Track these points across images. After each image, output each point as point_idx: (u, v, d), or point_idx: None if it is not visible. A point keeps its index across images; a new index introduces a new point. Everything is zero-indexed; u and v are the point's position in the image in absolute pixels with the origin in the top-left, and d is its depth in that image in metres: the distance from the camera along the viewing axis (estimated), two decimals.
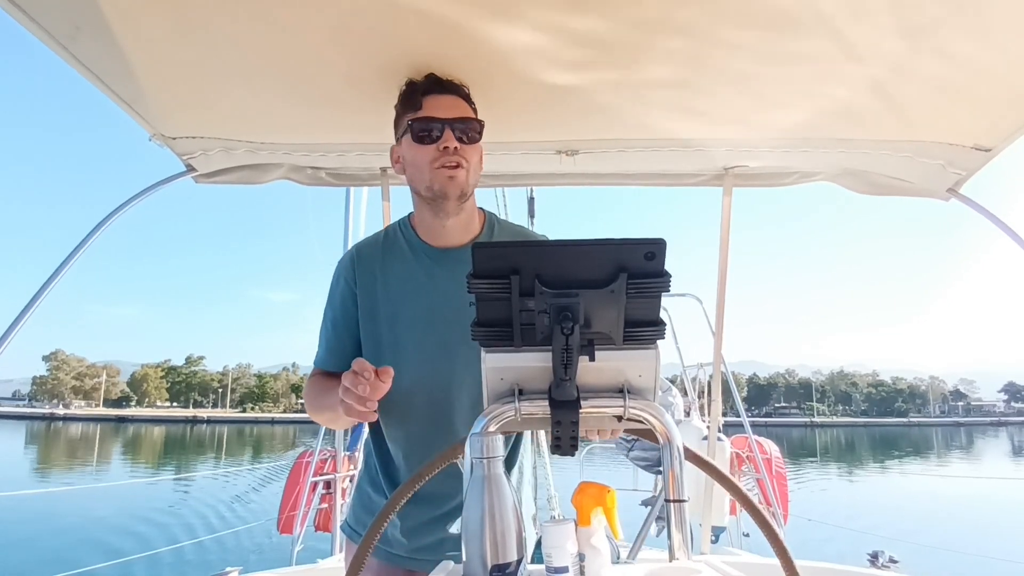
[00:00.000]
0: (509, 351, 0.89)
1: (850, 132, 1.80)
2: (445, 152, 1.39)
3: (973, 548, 9.71)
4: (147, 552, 8.61)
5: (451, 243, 1.51)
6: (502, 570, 0.80)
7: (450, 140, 1.39)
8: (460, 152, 1.40)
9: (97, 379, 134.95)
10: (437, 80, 1.44)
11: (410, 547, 1.48)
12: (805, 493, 20.21)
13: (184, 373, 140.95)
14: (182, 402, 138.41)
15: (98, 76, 1.48)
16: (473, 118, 1.45)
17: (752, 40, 1.34)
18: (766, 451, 4.86)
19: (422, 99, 1.42)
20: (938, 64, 1.39)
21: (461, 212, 1.47)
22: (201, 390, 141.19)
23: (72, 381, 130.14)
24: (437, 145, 1.40)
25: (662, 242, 0.79)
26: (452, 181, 1.41)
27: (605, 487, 0.94)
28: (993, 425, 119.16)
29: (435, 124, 1.40)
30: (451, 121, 1.40)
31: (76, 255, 1.79)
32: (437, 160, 1.40)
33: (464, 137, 1.41)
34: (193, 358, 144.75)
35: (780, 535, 0.93)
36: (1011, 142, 1.68)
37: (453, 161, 1.40)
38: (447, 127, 1.40)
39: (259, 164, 2.05)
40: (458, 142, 1.40)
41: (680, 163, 2.15)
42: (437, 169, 1.41)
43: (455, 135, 1.40)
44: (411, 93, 1.45)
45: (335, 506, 4.24)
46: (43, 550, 11.28)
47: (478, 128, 1.44)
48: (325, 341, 1.55)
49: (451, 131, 1.40)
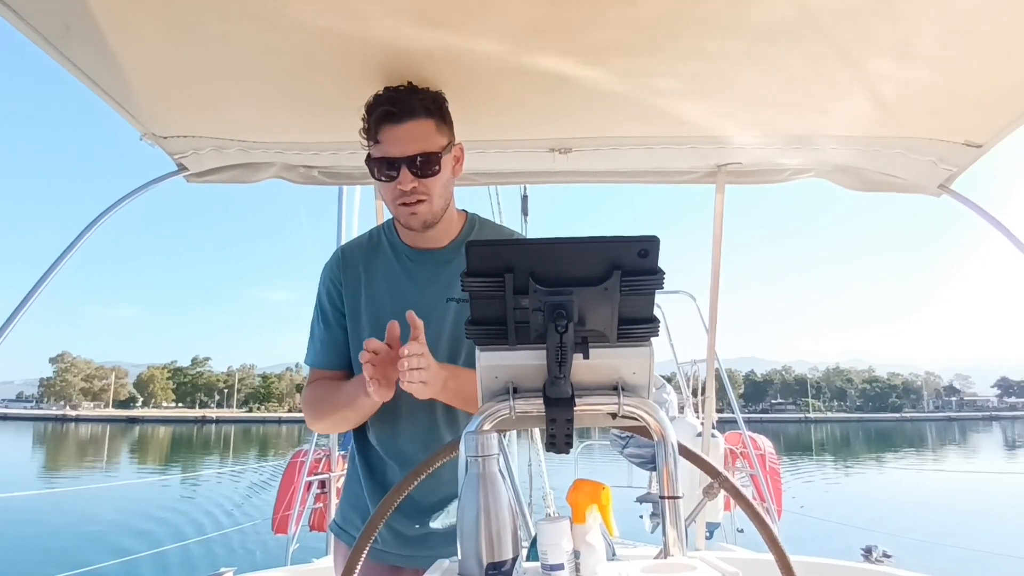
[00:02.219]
0: (503, 349, 0.89)
1: (841, 129, 1.81)
2: (404, 192, 1.38)
3: (962, 541, 9.78)
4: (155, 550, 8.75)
5: (431, 245, 1.53)
6: (498, 568, 0.80)
7: (406, 181, 1.37)
8: (419, 189, 1.38)
9: (106, 381, 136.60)
10: (389, 111, 1.37)
11: (395, 543, 1.48)
12: (799, 486, 20.33)
13: (190, 374, 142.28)
14: (188, 403, 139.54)
15: (89, 76, 1.47)
16: (430, 152, 1.38)
17: (744, 38, 1.34)
18: (760, 447, 4.89)
19: (378, 130, 1.38)
20: (929, 61, 1.40)
21: (437, 225, 1.48)
22: (207, 391, 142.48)
23: (81, 383, 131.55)
24: (395, 184, 1.38)
25: (655, 239, 0.79)
26: (414, 216, 1.42)
27: (600, 484, 0.94)
28: (985, 420, 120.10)
29: (391, 164, 1.37)
30: (407, 159, 1.36)
31: (68, 255, 1.78)
32: (397, 198, 1.40)
33: (421, 172, 1.37)
34: (199, 359, 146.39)
35: (774, 530, 0.93)
36: (1002, 138, 1.68)
37: (412, 199, 1.39)
38: (404, 166, 1.36)
39: (251, 163, 2.04)
40: (417, 179, 1.37)
41: (673, 160, 2.15)
42: (399, 206, 1.41)
43: (411, 172, 1.37)
44: (370, 120, 1.40)
45: (330, 506, 4.23)
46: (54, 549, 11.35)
47: (437, 159, 1.39)
48: (318, 340, 1.56)
49: (407, 170, 1.36)
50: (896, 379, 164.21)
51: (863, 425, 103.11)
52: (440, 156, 1.39)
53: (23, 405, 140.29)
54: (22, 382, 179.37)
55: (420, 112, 1.38)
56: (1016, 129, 1.62)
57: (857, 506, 15.42)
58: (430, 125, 1.39)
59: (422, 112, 1.38)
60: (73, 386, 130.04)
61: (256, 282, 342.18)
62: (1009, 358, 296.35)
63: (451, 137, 1.46)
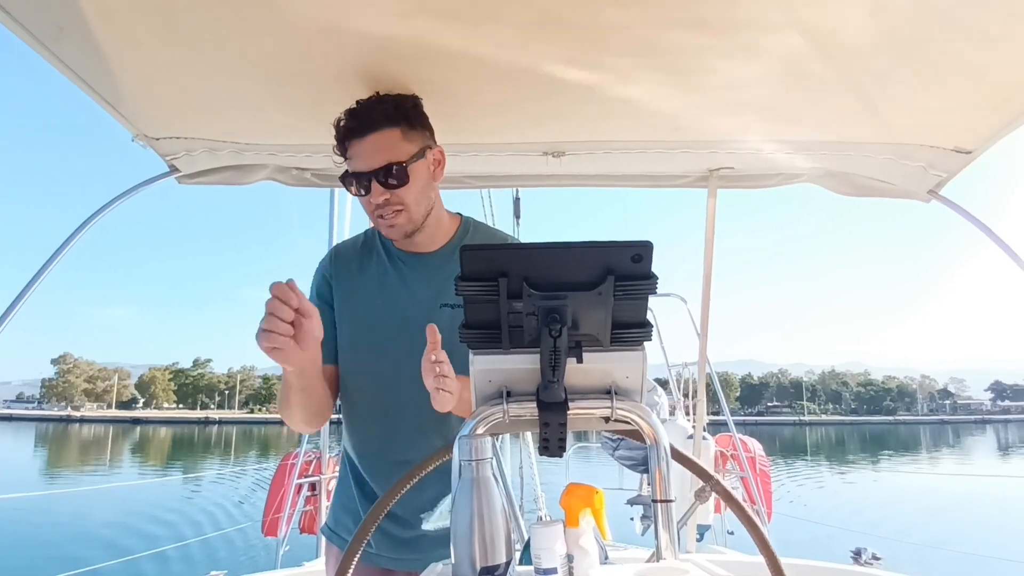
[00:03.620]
0: (497, 353, 0.89)
1: (832, 134, 1.82)
2: (377, 206, 1.38)
3: (952, 543, 9.84)
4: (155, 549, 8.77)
5: (424, 249, 1.52)
6: (491, 572, 0.80)
7: (377, 194, 1.37)
8: (391, 200, 1.38)
9: (108, 382, 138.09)
10: (350, 127, 1.38)
11: (387, 546, 1.48)
12: (792, 487, 20.42)
13: (192, 375, 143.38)
14: (189, 404, 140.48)
15: (81, 76, 1.46)
16: (397, 162, 1.36)
17: (736, 43, 1.35)
18: (750, 449, 4.91)
19: (346, 146, 1.38)
20: (919, 67, 1.41)
21: (424, 229, 1.47)
22: (208, 392, 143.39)
23: (84, 384, 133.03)
24: (368, 199, 1.38)
25: (649, 244, 0.80)
26: (392, 229, 1.42)
27: (593, 488, 0.94)
28: (977, 423, 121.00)
29: (361, 179, 1.37)
30: (375, 172, 1.35)
31: (59, 255, 1.77)
32: (373, 212, 1.40)
33: (390, 182, 1.36)
34: (201, 361, 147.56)
35: (764, 532, 0.94)
36: (991, 145, 1.70)
37: (388, 211, 1.39)
38: (373, 179, 1.36)
39: (243, 165, 2.03)
40: (388, 190, 1.37)
41: (666, 165, 2.16)
42: (377, 219, 1.41)
43: (381, 184, 1.36)
44: (337, 137, 1.40)
45: (320, 508, 4.22)
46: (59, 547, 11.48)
47: (404, 170, 1.37)
48: None
49: (377, 183, 1.36)
50: (891, 382, 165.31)
51: (857, 428, 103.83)
52: (407, 166, 1.37)
53: (24, 406, 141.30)
54: (19, 383, 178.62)
55: (383, 123, 1.37)
56: (1005, 136, 1.64)
57: (849, 509, 15.49)
58: (395, 134, 1.38)
59: (385, 122, 1.37)
60: (76, 387, 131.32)
61: (254, 283, 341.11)
62: (1008, 361, 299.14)
63: (425, 142, 1.44)
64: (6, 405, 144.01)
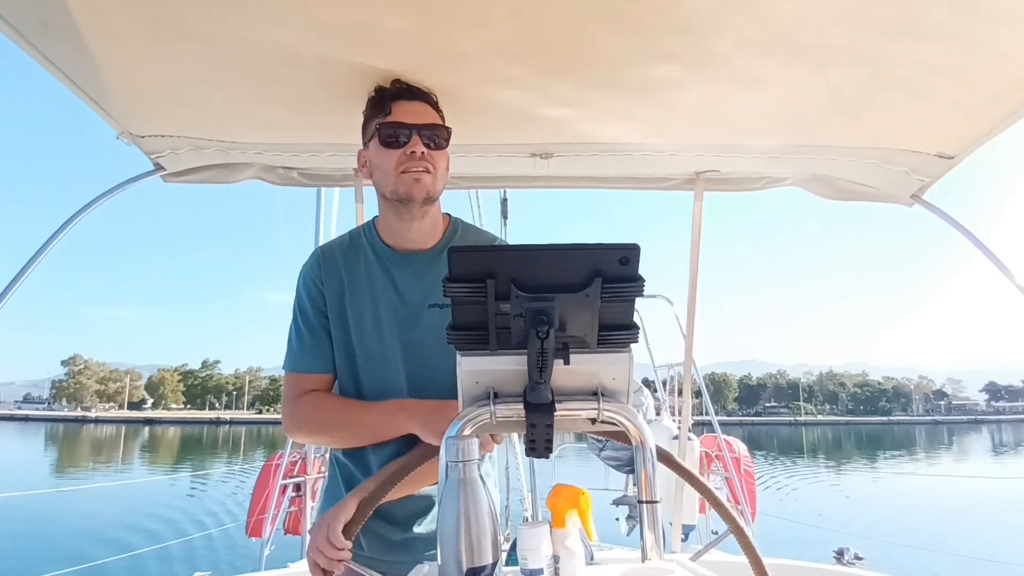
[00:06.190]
0: (484, 354, 0.89)
1: (817, 139, 1.84)
2: (412, 157, 1.40)
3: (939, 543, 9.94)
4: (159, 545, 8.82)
5: (414, 247, 1.51)
6: (477, 573, 0.80)
7: (417, 145, 1.40)
8: (427, 157, 1.41)
9: (120, 383, 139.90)
10: (406, 86, 1.45)
11: (378, 548, 1.47)
12: (788, 483, 20.57)
13: (200, 376, 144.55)
14: (197, 404, 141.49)
15: (65, 73, 1.45)
16: (441, 125, 1.45)
17: (723, 47, 1.36)
18: (734, 450, 4.93)
19: (391, 104, 1.43)
20: (903, 73, 1.43)
21: (425, 217, 1.47)
22: (216, 393, 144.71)
23: (95, 385, 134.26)
24: (404, 150, 1.40)
25: (636, 247, 0.80)
26: (418, 184, 1.41)
27: (579, 489, 0.94)
28: (971, 423, 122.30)
29: (403, 129, 1.41)
30: (419, 127, 1.41)
31: (42, 253, 1.75)
32: (403, 164, 1.40)
33: (431, 143, 1.42)
34: (209, 362, 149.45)
35: (748, 533, 0.95)
36: (973, 150, 1.72)
37: (420, 166, 1.40)
38: (415, 132, 1.40)
39: (230, 164, 2.02)
40: (425, 147, 1.41)
41: (652, 167, 2.17)
42: (403, 174, 1.41)
43: (423, 140, 1.41)
44: (380, 99, 1.45)
45: (305, 509, 4.19)
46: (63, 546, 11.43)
47: (446, 135, 1.45)
48: (301, 344, 1.50)
49: (419, 136, 1.40)
50: (888, 383, 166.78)
51: (852, 428, 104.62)
52: (447, 135, 1.46)
53: (33, 407, 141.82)
54: (24, 383, 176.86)
55: (430, 102, 1.48)
56: (988, 141, 1.66)
57: (839, 505, 15.60)
58: (438, 116, 1.48)
59: (432, 103, 1.48)
60: (87, 388, 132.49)
61: (256, 283, 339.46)
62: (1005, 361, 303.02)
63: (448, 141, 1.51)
64: (16, 406, 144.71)
